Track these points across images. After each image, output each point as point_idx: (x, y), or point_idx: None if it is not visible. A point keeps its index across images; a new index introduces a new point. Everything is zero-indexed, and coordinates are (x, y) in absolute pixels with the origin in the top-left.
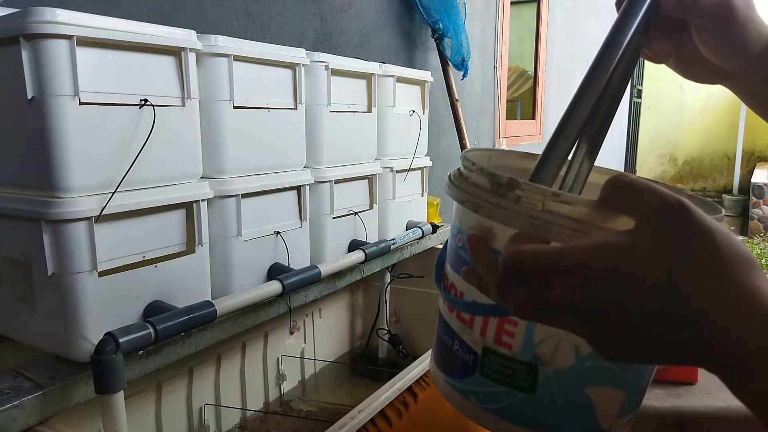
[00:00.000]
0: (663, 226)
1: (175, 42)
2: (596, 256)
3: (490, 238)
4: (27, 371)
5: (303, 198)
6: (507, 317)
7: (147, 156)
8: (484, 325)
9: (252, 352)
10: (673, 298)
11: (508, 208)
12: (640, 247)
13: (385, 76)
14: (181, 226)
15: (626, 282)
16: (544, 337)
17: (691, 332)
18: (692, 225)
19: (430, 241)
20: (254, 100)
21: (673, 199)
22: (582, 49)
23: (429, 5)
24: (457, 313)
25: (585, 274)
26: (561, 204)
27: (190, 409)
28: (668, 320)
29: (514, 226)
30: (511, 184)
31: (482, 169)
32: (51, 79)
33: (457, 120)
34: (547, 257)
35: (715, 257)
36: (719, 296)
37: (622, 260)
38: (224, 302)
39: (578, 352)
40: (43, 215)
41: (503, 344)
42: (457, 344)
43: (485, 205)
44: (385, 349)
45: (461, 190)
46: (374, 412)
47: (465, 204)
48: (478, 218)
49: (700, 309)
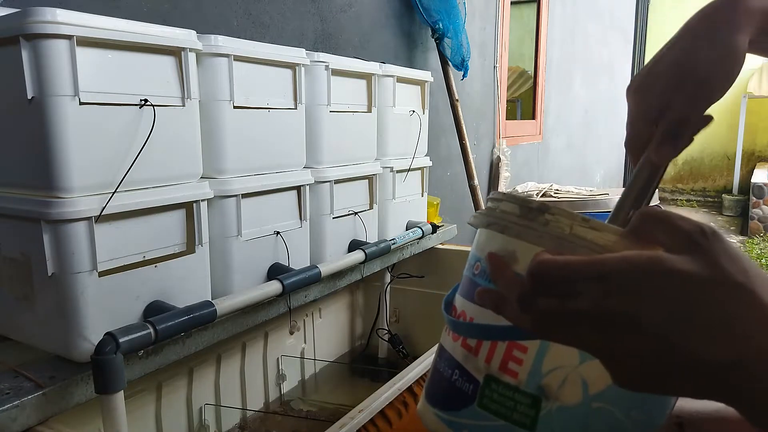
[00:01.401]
0: (696, 247)
1: (175, 42)
2: (630, 266)
3: (512, 261)
4: (27, 371)
5: (303, 198)
6: (518, 342)
7: (147, 156)
8: (490, 352)
9: (252, 352)
10: (705, 312)
11: (536, 229)
12: (676, 261)
13: (385, 76)
14: (181, 226)
15: (659, 293)
16: (554, 367)
17: (720, 348)
18: (724, 248)
19: (430, 241)
20: (254, 100)
21: (705, 225)
22: (582, 49)
23: (429, 5)
24: (463, 340)
25: (617, 283)
26: (589, 230)
27: (190, 409)
28: (699, 336)
29: (541, 246)
30: (542, 208)
31: (513, 197)
32: (51, 79)
33: (457, 120)
34: (578, 265)
35: (746, 279)
36: (749, 315)
37: (655, 272)
38: (224, 302)
39: (586, 389)
40: (43, 215)
41: (509, 372)
42: (457, 374)
43: (513, 227)
44: (385, 349)
45: (489, 216)
46: (374, 412)
47: (491, 227)
48: (501, 241)
49: (731, 326)
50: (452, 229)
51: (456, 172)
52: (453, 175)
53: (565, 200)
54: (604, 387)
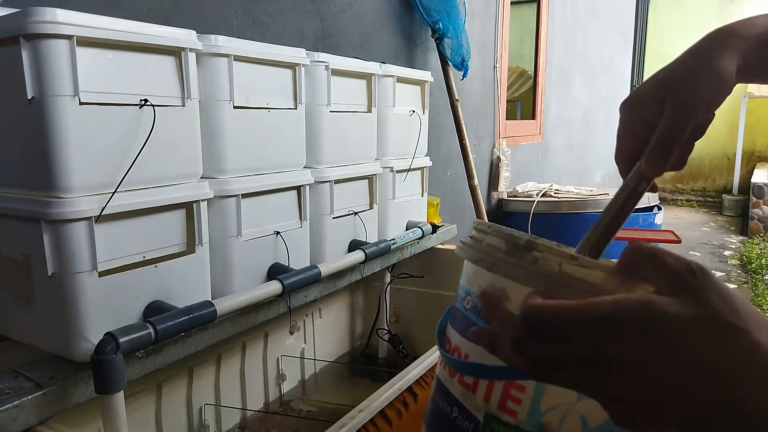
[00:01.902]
0: (686, 287)
1: (175, 42)
2: (620, 311)
3: (503, 298)
4: (27, 371)
5: (303, 198)
6: (514, 381)
7: (147, 156)
8: (488, 390)
9: (252, 352)
10: (698, 354)
11: (524, 268)
12: (666, 304)
13: (385, 76)
14: (181, 226)
15: (651, 337)
16: (552, 406)
17: (713, 390)
18: (714, 287)
19: (430, 241)
20: (254, 100)
21: (694, 263)
22: (582, 49)
23: (429, 5)
24: (460, 377)
25: (608, 328)
26: (578, 267)
27: (190, 409)
28: (691, 377)
29: (531, 285)
30: (529, 245)
31: (499, 230)
32: (51, 79)
33: (457, 120)
34: (571, 310)
35: (737, 318)
36: (742, 355)
37: (646, 316)
38: (224, 302)
39: (586, 424)
40: (43, 215)
41: (508, 411)
42: (456, 411)
43: (500, 264)
44: (385, 349)
45: (475, 249)
46: (374, 412)
47: (479, 263)
48: (490, 278)
49: (723, 366)
50: (452, 229)
51: (456, 172)
52: (453, 175)
53: (564, 200)
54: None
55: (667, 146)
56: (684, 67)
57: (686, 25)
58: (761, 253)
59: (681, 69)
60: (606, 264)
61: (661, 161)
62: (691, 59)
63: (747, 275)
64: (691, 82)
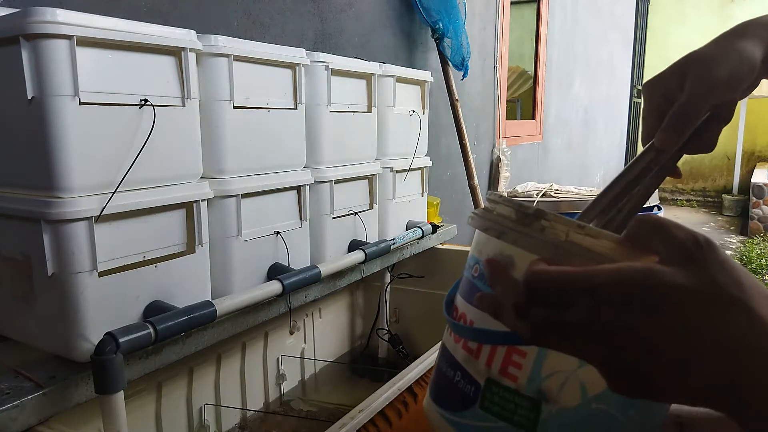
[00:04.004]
0: (690, 258)
1: (175, 42)
2: (623, 278)
3: (510, 266)
4: (27, 371)
5: (303, 198)
6: (516, 346)
7: (147, 156)
8: (490, 355)
9: (252, 352)
10: (698, 325)
11: (532, 235)
12: (668, 273)
13: (385, 76)
14: (181, 226)
15: (652, 306)
16: (552, 372)
17: (713, 361)
18: (718, 259)
19: (430, 241)
20: (254, 100)
21: (700, 235)
22: (582, 49)
23: (429, 5)
24: (464, 342)
25: (609, 295)
26: (585, 237)
27: (190, 409)
28: (691, 347)
29: (537, 253)
30: (538, 214)
31: (509, 201)
32: (51, 79)
33: (457, 120)
34: (572, 276)
35: (740, 292)
36: (743, 328)
37: (649, 284)
38: (224, 302)
39: (585, 391)
40: (43, 215)
41: (509, 376)
42: (459, 375)
43: (510, 233)
44: (385, 349)
45: (485, 219)
46: (374, 412)
47: (488, 231)
48: (499, 246)
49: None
50: (452, 229)
51: (456, 172)
52: (453, 175)
53: (565, 200)
54: (602, 389)
55: (684, 118)
56: (707, 49)
57: (686, 25)
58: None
59: (705, 50)
60: (613, 235)
61: (676, 132)
62: (716, 43)
63: None
64: (713, 60)
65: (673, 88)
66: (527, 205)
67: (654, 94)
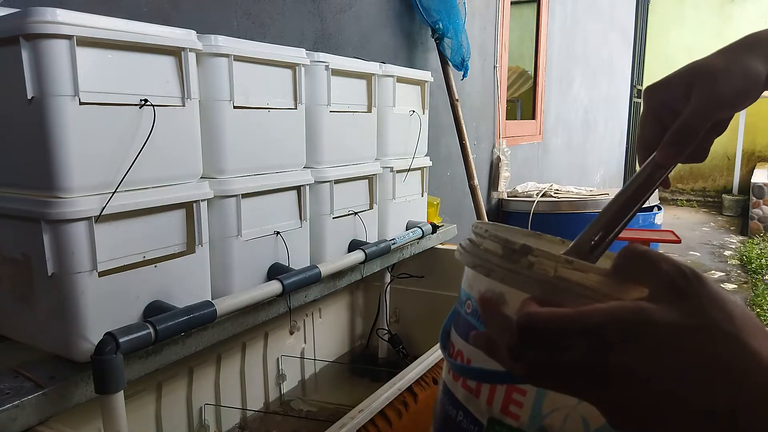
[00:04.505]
0: (679, 293)
1: (175, 42)
2: (614, 319)
3: (501, 303)
4: (27, 371)
5: (303, 198)
6: (515, 385)
7: (147, 156)
8: (491, 394)
9: (252, 352)
10: (692, 361)
11: (520, 273)
12: (658, 311)
13: (385, 76)
14: (181, 226)
15: (645, 345)
16: (553, 408)
17: (709, 397)
18: (707, 293)
19: (430, 241)
20: (254, 100)
21: (687, 268)
22: (582, 49)
23: (429, 5)
24: (463, 381)
25: (602, 336)
26: (573, 271)
27: (190, 409)
28: (686, 384)
29: (527, 291)
30: (524, 250)
31: (496, 236)
32: (51, 79)
33: (457, 120)
34: (564, 319)
35: (731, 325)
36: (737, 363)
37: (640, 323)
38: (224, 302)
39: (587, 425)
40: (43, 215)
41: (510, 414)
42: (461, 415)
43: (497, 270)
44: (385, 349)
45: (473, 255)
46: (374, 412)
47: (477, 269)
48: (489, 283)
49: (718, 374)
50: (452, 229)
51: (456, 172)
52: (453, 175)
53: (565, 200)
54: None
55: (688, 134)
56: (715, 62)
57: (686, 26)
58: (761, 253)
59: (712, 62)
60: (601, 268)
61: (679, 149)
62: (723, 56)
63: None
64: (722, 74)
65: (675, 97)
66: (513, 241)
67: (655, 99)
